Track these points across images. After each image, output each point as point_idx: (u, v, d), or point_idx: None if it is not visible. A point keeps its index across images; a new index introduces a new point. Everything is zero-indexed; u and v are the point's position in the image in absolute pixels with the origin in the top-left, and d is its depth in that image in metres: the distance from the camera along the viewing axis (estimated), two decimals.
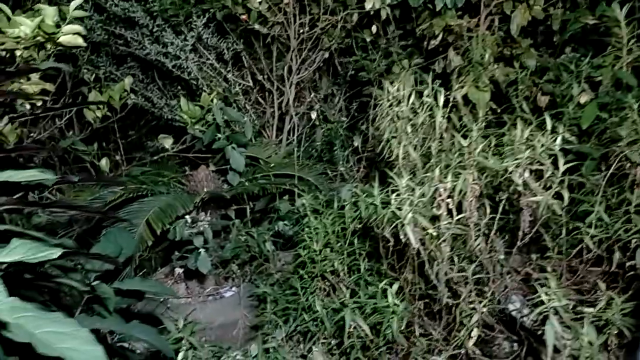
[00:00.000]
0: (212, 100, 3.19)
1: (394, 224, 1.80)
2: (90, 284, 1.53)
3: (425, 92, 2.08)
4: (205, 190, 3.07)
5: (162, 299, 2.97)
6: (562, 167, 1.68)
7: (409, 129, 1.95)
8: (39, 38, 1.89)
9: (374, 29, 3.27)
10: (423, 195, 1.81)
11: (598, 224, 2.01)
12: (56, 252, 0.99)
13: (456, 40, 2.93)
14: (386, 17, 3.10)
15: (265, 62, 3.57)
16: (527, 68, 2.82)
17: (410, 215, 1.74)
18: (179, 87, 3.82)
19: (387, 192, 1.97)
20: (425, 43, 2.98)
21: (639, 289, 2.04)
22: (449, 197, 1.74)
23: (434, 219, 1.88)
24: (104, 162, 3.15)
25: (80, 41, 1.97)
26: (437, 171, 1.72)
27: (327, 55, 3.53)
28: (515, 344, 2.61)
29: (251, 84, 3.70)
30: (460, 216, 1.75)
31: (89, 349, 0.86)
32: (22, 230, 1.12)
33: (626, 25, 2.43)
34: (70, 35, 1.93)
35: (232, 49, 3.45)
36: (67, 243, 1.23)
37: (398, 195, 1.77)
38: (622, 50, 2.43)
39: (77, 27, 1.93)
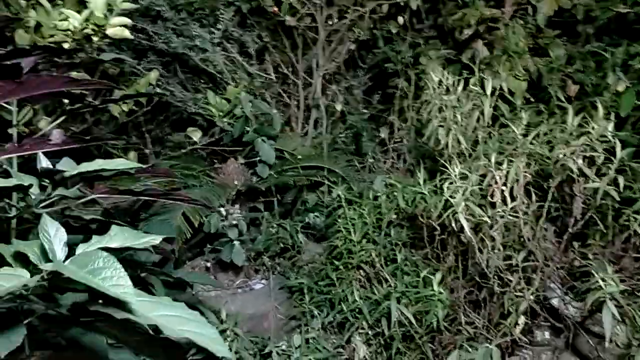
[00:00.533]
0: (238, 93, 3.19)
1: (446, 212, 1.80)
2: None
3: (472, 81, 2.08)
4: (235, 182, 3.07)
5: (193, 292, 2.98)
6: (619, 154, 1.68)
7: (459, 118, 1.95)
8: (87, 30, 1.88)
9: (400, 20, 3.27)
10: (472, 183, 1.81)
11: None
12: (157, 239, 1.00)
13: (486, 31, 2.93)
14: (416, 8, 3.09)
15: (292, 54, 3.56)
16: (556, 57, 2.83)
17: (463, 203, 1.74)
18: (201, 81, 3.80)
19: (434, 181, 1.98)
20: (457, 33, 2.98)
21: None
22: (504, 184, 1.74)
23: (481, 207, 1.89)
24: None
25: (127, 33, 1.97)
26: (492, 158, 1.72)
27: (353, 46, 3.52)
28: (547, 332, 2.63)
29: (273, 76, 3.69)
30: (514, 203, 1.75)
31: (205, 331, 0.88)
32: (107, 220, 1.13)
33: None
34: (117, 28, 1.93)
35: (257, 41, 3.44)
36: None
37: (451, 183, 1.77)
38: None
39: (125, 19, 1.93)
